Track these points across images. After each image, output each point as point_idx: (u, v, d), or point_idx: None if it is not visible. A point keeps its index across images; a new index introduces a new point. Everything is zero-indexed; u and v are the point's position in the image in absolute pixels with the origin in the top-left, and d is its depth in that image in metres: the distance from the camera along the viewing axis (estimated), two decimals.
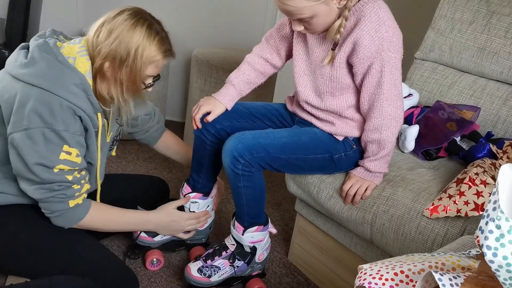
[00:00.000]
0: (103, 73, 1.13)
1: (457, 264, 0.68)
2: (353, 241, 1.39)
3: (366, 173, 1.26)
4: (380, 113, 1.20)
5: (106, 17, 1.12)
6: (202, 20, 2.44)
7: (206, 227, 1.52)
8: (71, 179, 1.11)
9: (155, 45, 1.12)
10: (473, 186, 1.11)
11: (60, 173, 1.08)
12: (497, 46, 1.49)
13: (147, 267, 1.48)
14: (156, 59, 1.14)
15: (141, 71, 1.13)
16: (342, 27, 1.12)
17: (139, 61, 1.11)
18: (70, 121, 1.07)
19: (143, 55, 1.11)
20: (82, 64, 1.10)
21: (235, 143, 1.20)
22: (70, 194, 1.12)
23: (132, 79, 1.13)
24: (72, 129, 1.07)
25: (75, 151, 1.09)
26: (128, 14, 1.11)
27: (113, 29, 1.09)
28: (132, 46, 1.09)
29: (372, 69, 1.15)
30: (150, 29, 1.12)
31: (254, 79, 1.39)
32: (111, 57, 1.10)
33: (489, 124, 1.47)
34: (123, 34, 1.09)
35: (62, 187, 1.10)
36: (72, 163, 1.09)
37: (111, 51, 1.09)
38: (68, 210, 1.14)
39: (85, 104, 1.09)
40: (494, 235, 0.49)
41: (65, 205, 1.13)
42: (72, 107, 1.06)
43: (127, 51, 1.09)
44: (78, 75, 1.08)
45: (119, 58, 1.10)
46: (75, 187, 1.13)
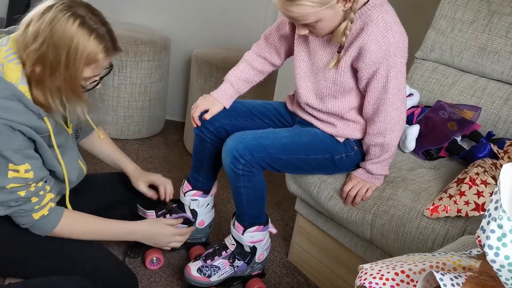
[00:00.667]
0: (37, 79, 1.00)
1: (458, 264, 0.68)
2: (353, 241, 1.38)
3: (367, 175, 1.26)
4: (385, 117, 1.19)
5: (34, 13, 0.98)
6: (203, 20, 2.44)
7: (206, 226, 1.51)
8: (25, 195, 1.03)
9: (92, 44, 0.98)
10: (473, 186, 1.11)
11: (12, 190, 1.01)
12: (498, 46, 1.49)
13: (147, 266, 1.48)
14: (95, 59, 1.00)
15: (78, 76, 0.99)
16: (348, 29, 1.11)
17: (72, 66, 0.97)
18: (10, 138, 0.97)
19: (75, 58, 0.97)
20: (12, 72, 0.97)
21: (236, 143, 1.19)
22: (29, 208, 1.05)
23: (69, 87, 1.00)
24: (14, 145, 0.97)
25: (23, 167, 1.00)
26: (57, 11, 0.96)
27: (39, 30, 0.95)
28: (63, 50, 0.95)
29: (378, 74, 1.15)
30: (83, 27, 0.97)
31: (253, 77, 1.39)
32: (41, 63, 0.97)
33: (490, 124, 1.47)
34: (51, 36, 0.95)
35: (18, 203, 1.04)
36: (23, 179, 1.01)
37: (39, 56, 0.96)
38: (35, 222, 1.08)
39: (22, 116, 0.97)
40: (496, 235, 0.48)
41: (30, 219, 1.07)
42: (7, 123, 0.95)
43: (57, 56, 0.96)
44: (7, 86, 0.96)
45: (49, 65, 0.96)
46: (34, 200, 1.05)
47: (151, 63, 2.21)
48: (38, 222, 1.09)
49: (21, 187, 1.02)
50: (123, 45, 2.12)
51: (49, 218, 1.10)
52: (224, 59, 2.09)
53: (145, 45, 2.16)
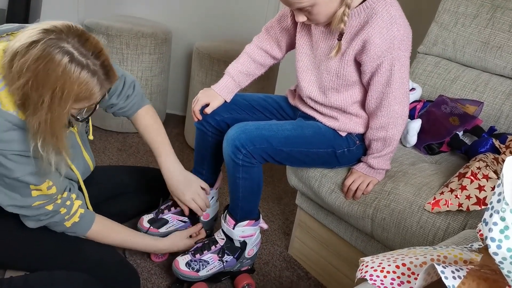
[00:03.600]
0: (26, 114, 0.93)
1: (459, 258, 0.67)
2: (354, 235, 1.38)
3: (369, 169, 1.25)
4: (388, 111, 1.19)
5: (20, 45, 0.89)
6: (204, 13, 2.43)
7: (211, 219, 1.52)
8: (53, 208, 1.06)
9: (81, 82, 0.90)
10: (475, 180, 1.11)
11: (39, 206, 1.03)
12: (501, 41, 1.48)
13: (152, 259, 1.49)
14: (85, 96, 0.93)
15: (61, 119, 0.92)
16: (346, 15, 1.10)
17: (56, 108, 0.90)
18: (24, 164, 0.96)
19: (61, 99, 0.90)
20: (7, 100, 0.92)
21: (238, 132, 1.19)
22: (59, 219, 1.09)
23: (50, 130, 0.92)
24: (30, 169, 0.97)
25: (45, 185, 1.01)
26: (42, 48, 0.87)
27: (23, 68, 0.87)
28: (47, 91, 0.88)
29: (381, 67, 1.14)
30: (71, 64, 0.89)
31: (253, 70, 1.38)
32: (24, 101, 0.90)
33: (492, 119, 1.47)
34: (34, 76, 0.87)
35: (48, 216, 1.07)
36: (47, 196, 1.03)
37: (23, 95, 0.89)
38: (69, 229, 1.14)
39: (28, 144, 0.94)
40: (499, 227, 0.48)
41: (63, 227, 1.12)
42: (18, 153, 0.94)
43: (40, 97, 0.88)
44: (5, 118, 0.91)
45: (33, 105, 0.89)
46: (63, 211, 1.09)
47: (152, 56, 2.20)
48: (71, 229, 1.14)
49: (47, 202, 1.05)
50: (124, 38, 2.11)
51: (81, 224, 1.15)
52: (225, 52, 2.09)
53: (146, 38, 2.15)
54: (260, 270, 1.55)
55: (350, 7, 1.10)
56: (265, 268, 1.56)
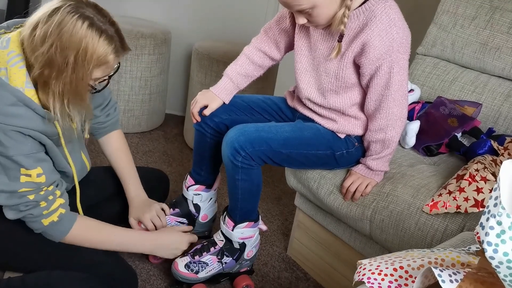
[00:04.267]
0: (44, 82, 0.99)
1: (456, 260, 0.68)
2: (352, 236, 1.38)
3: (368, 171, 1.26)
4: (387, 113, 1.19)
5: (41, 15, 0.96)
6: (203, 14, 2.43)
7: (209, 220, 1.52)
8: (34, 198, 1.03)
9: (102, 46, 0.97)
10: (473, 183, 1.11)
11: (23, 194, 1.01)
12: (499, 42, 1.48)
13: (150, 260, 1.48)
14: (104, 61, 0.99)
15: (84, 80, 0.99)
16: (346, 17, 1.10)
17: (80, 69, 0.96)
18: (21, 143, 0.97)
19: (84, 60, 0.96)
20: (16, 76, 0.96)
21: (237, 134, 1.19)
22: (37, 213, 1.05)
23: (73, 90, 0.99)
24: (25, 150, 0.97)
25: (35, 171, 1.00)
26: (65, 13, 0.94)
27: (47, 32, 0.93)
28: (71, 52, 0.94)
29: (381, 70, 1.14)
30: (92, 28, 0.96)
31: (252, 72, 1.38)
32: (49, 66, 0.95)
33: (490, 121, 1.47)
34: (59, 39, 0.93)
35: (28, 207, 1.04)
36: (35, 184, 1.01)
37: (47, 59, 0.94)
38: (45, 228, 1.08)
39: (31, 121, 0.97)
40: (495, 231, 0.48)
41: (40, 225, 1.07)
42: (18, 129, 0.95)
43: (65, 58, 0.94)
44: (12, 93, 0.95)
45: (57, 67, 0.95)
46: (42, 205, 1.05)
47: (152, 56, 2.20)
48: (48, 229, 1.09)
49: (32, 191, 1.02)
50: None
51: (59, 225, 1.10)
52: (224, 53, 2.09)
53: (145, 38, 2.15)
54: (259, 271, 1.55)
55: (350, 8, 1.10)
56: (264, 269, 1.57)
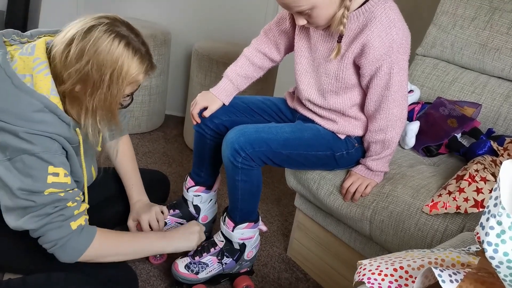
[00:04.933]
0: (74, 95, 1.00)
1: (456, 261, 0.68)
2: (352, 237, 1.39)
3: (367, 171, 1.26)
4: (387, 114, 1.19)
5: (76, 31, 0.97)
6: (203, 15, 2.43)
7: (209, 221, 1.52)
8: (64, 196, 1.00)
9: (135, 65, 1.00)
10: (473, 183, 1.11)
11: (51, 194, 0.98)
12: (499, 43, 1.48)
13: (151, 261, 1.48)
14: (136, 79, 1.03)
15: (117, 97, 1.01)
16: (345, 17, 1.10)
17: (115, 86, 0.98)
18: (48, 142, 0.97)
19: (119, 78, 0.98)
20: (42, 83, 0.96)
21: (237, 135, 1.19)
22: (69, 214, 1.01)
23: (107, 106, 1.01)
24: (52, 149, 0.97)
25: (62, 171, 0.99)
26: (102, 31, 0.97)
27: (84, 50, 0.95)
28: (107, 70, 0.96)
29: (380, 71, 1.14)
30: (128, 48, 0.99)
31: (252, 73, 1.38)
32: (83, 82, 0.97)
33: (490, 121, 1.47)
34: (96, 56, 0.95)
35: (57, 208, 0.99)
36: (62, 184, 1.00)
37: (82, 75, 0.96)
38: (72, 235, 1.02)
39: (57, 127, 0.98)
40: (495, 231, 0.48)
41: (67, 229, 1.01)
42: (43, 134, 0.96)
43: (101, 76, 0.96)
44: (39, 99, 0.95)
45: (92, 84, 0.97)
46: (72, 205, 1.02)
47: None
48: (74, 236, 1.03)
49: (60, 191, 1.00)
50: None
51: (85, 232, 1.05)
52: (224, 54, 2.09)
53: (145, 39, 2.14)
54: (259, 271, 1.55)
55: (349, 9, 1.10)
56: (264, 269, 1.57)
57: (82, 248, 1.05)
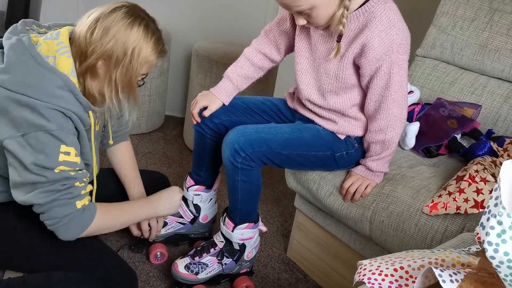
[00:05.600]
0: (95, 71, 1.09)
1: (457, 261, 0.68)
2: (352, 237, 1.38)
3: (367, 172, 1.26)
4: (387, 114, 1.19)
5: (100, 13, 1.08)
6: (203, 15, 2.43)
7: (209, 220, 1.52)
8: (74, 175, 1.05)
9: (152, 45, 1.10)
10: (473, 184, 1.11)
11: (61, 171, 1.03)
12: (499, 44, 1.49)
13: (151, 261, 1.48)
14: (151, 59, 1.12)
15: (137, 71, 1.10)
16: (344, 17, 1.10)
17: (135, 61, 1.08)
18: (62, 121, 1.03)
19: (139, 55, 1.08)
20: (64, 64, 1.05)
21: (237, 136, 1.19)
22: (76, 193, 1.06)
23: (128, 79, 1.10)
24: (66, 128, 1.03)
25: (74, 151, 1.05)
26: (124, 12, 1.07)
27: (109, 27, 1.06)
28: (129, 46, 1.07)
29: (380, 71, 1.14)
30: (147, 29, 1.09)
31: (252, 73, 1.38)
32: (107, 56, 1.07)
33: (489, 122, 1.47)
34: (119, 33, 1.06)
35: (66, 186, 1.04)
36: (72, 163, 1.05)
37: (107, 50, 1.06)
38: (76, 213, 1.07)
39: (73, 105, 1.04)
40: (496, 231, 0.48)
41: (72, 208, 1.06)
42: (61, 110, 1.02)
43: (124, 51, 1.07)
44: (60, 77, 1.03)
45: (115, 58, 1.07)
46: (78, 185, 1.07)
47: None
48: (78, 214, 1.07)
49: (69, 170, 1.05)
50: None
51: (87, 210, 1.10)
52: (224, 55, 2.09)
53: None
54: (259, 272, 1.55)
55: (348, 9, 1.11)
56: (264, 270, 1.57)
57: (85, 225, 1.10)
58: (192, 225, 1.50)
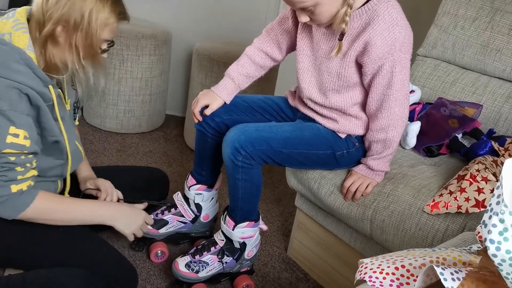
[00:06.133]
0: (55, 39, 1.08)
1: (458, 259, 0.68)
2: (353, 236, 1.38)
3: (368, 171, 1.26)
4: (388, 113, 1.19)
5: None
6: (204, 15, 2.43)
7: (211, 220, 1.52)
8: (14, 160, 1.02)
9: (109, 7, 1.09)
10: (474, 183, 1.11)
11: (3, 155, 1.00)
12: (500, 44, 1.49)
13: (152, 259, 1.48)
14: (110, 21, 1.11)
15: (97, 34, 1.09)
16: (347, 15, 1.10)
17: (94, 24, 1.08)
18: (16, 101, 1.00)
19: (97, 17, 1.08)
20: (19, 39, 1.05)
21: (238, 134, 1.19)
22: (12, 177, 1.03)
23: (89, 43, 1.09)
24: (18, 108, 1.00)
25: (23, 133, 1.01)
26: None
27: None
28: (86, 8, 1.06)
29: (383, 69, 1.14)
30: None
31: (253, 72, 1.38)
32: (64, 21, 1.06)
33: (491, 122, 1.47)
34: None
35: (4, 169, 1.02)
36: (20, 146, 1.02)
37: (63, 15, 1.05)
38: (10, 197, 1.04)
39: (31, 80, 1.02)
40: (498, 229, 0.48)
41: (7, 190, 1.04)
42: (17, 86, 0.99)
43: (80, 13, 1.06)
44: (16, 51, 1.02)
45: (73, 22, 1.06)
46: (18, 169, 1.04)
47: (152, 57, 2.20)
48: (13, 197, 1.05)
49: (15, 153, 1.02)
50: (124, 39, 2.12)
51: (25, 195, 1.07)
52: (225, 54, 2.09)
53: (146, 39, 2.15)
54: (259, 271, 1.55)
55: (352, 7, 1.10)
56: (264, 269, 1.57)
57: (21, 209, 1.08)
58: (193, 224, 1.50)
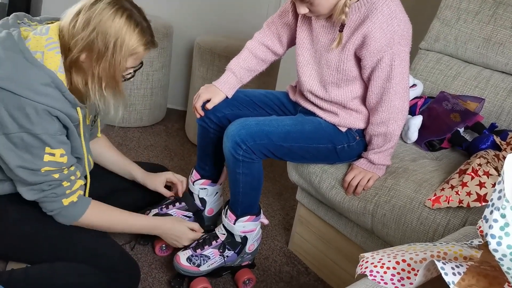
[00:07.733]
0: (79, 65, 1.07)
1: (459, 254, 0.68)
2: (354, 231, 1.39)
3: (369, 165, 1.26)
4: (388, 107, 1.19)
5: (82, 5, 1.05)
6: (205, 8, 2.42)
7: (215, 214, 1.52)
8: (58, 177, 1.06)
9: (136, 36, 1.06)
10: (476, 177, 1.11)
11: (46, 173, 1.05)
12: (503, 37, 1.48)
13: (157, 253, 1.49)
14: (136, 51, 1.08)
15: (121, 65, 1.07)
16: (347, 6, 1.10)
17: (118, 55, 1.05)
18: (48, 123, 1.02)
19: (122, 48, 1.05)
20: (52, 60, 1.03)
21: (238, 128, 1.19)
22: (60, 193, 1.08)
23: (111, 74, 1.07)
24: (51, 130, 1.02)
25: (59, 151, 1.05)
26: (107, 3, 1.04)
27: (90, 19, 1.03)
28: (111, 38, 1.03)
29: (382, 62, 1.14)
30: (130, 20, 1.05)
31: (255, 66, 1.38)
32: (88, 50, 1.04)
33: (493, 116, 1.47)
34: (101, 25, 1.02)
35: (52, 186, 1.07)
36: (57, 163, 1.05)
37: (88, 43, 1.03)
38: (63, 209, 1.10)
39: (60, 103, 1.03)
40: (499, 224, 0.48)
41: (59, 204, 1.09)
42: (47, 108, 1.00)
43: (105, 44, 1.03)
44: (47, 73, 1.01)
45: (97, 51, 1.04)
46: (65, 185, 1.08)
47: (153, 51, 2.19)
48: (66, 209, 1.11)
49: (55, 170, 1.06)
50: None
51: (77, 206, 1.13)
52: (226, 48, 2.08)
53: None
54: (261, 265, 1.55)
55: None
56: (266, 263, 1.57)
57: (76, 217, 1.14)
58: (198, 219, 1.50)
